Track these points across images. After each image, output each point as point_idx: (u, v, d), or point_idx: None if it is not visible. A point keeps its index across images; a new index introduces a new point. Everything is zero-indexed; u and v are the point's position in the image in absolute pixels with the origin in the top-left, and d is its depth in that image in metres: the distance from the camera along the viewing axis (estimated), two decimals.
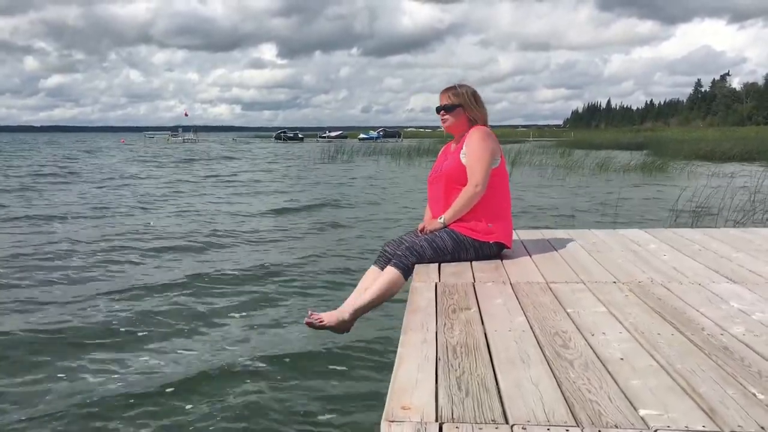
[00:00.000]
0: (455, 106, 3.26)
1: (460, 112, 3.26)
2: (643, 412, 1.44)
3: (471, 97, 3.27)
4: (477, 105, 3.28)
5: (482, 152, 3.12)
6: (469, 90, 3.28)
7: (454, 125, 3.29)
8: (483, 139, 3.15)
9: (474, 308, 2.32)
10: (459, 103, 3.25)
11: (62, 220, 11.51)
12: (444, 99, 3.29)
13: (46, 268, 7.34)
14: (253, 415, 3.64)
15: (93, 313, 5.60)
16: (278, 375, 4.22)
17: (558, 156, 28.50)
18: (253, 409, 3.72)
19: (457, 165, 3.18)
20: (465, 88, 3.29)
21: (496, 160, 3.18)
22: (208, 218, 11.59)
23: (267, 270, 7.23)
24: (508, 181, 3.33)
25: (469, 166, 3.13)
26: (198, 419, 3.60)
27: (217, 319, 5.48)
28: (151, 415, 3.63)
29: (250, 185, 19.43)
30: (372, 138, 73.52)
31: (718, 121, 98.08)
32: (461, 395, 1.54)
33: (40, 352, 4.64)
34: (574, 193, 15.75)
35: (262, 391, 3.97)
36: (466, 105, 3.25)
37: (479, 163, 3.11)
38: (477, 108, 3.27)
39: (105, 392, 3.94)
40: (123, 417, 3.62)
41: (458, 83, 3.32)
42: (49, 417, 3.60)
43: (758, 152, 28.08)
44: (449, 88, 3.30)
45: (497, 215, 3.17)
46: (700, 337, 1.99)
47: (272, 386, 4.05)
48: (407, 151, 33.40)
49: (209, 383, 4.08)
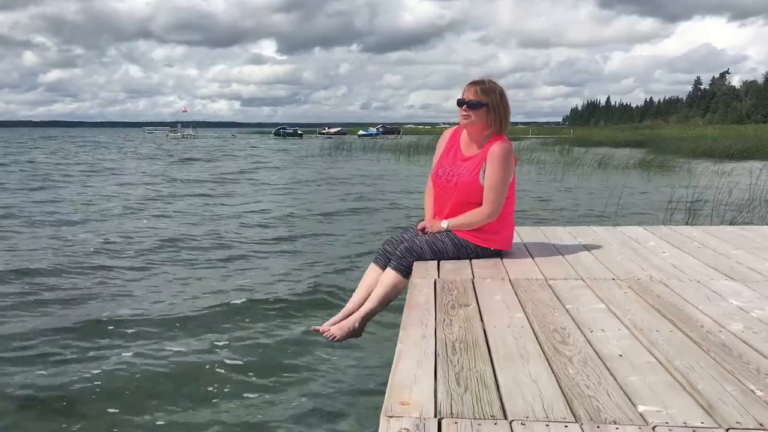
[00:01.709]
0: (482, 104, 2.97)
1: (485, 113, 2.99)
2: (641, 408, 1.44)
3: (500, 98, 3.01)
4: (504, 109, 3.03)
5: (504, 178, 2.97)
6: (498, 89, 3.02)
7: (475, 126, 3.02)
8: (506, 161, 2.96)
9: (473, 304, 2.32)
10: (486, 102, 2.97)
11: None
12: (470, 93, 3.00)
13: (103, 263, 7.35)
14: (252, 412, 3.64)
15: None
16: (276, 371, 4.22)
17: (557, 153, 28.48)
18: (250, 406, 3.72)
19: (474, 184, 3.00)
20: (495, 86, 3.03)
21: (512, 175, 3.05)
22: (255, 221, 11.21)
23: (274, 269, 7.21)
24: (515, 186, 3.17)
25: (487, 191, 2.97)
26: (197, 418, 3.60)
27: (217, 317, 5.48)
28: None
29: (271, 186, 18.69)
30: (371, 134, 73.43)
31: (718, 118, 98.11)
32: (460, 391, 1.54)
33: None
34: (573, 190, 15.76)
35: (260, 388, 3.98)
36: (494, 107, 2.99)
37: (498, 191, 2.96)
38: (504, 112, 3.02)
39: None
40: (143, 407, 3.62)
41: (488, 78, 3.05)
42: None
43: (757, 150, 28.10)
44: (478, 82, 3.02)
45: (502, 224, 3.10)
46: (698, 334, 1.99)
47: (271, 384, 4.06)
48: (407, 148, 33.36)
49: (203, 379, 4.08)
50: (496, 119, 3.01)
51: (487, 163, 2.98)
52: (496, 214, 3.00)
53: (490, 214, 2.99)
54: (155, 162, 29.80)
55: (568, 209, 11.73)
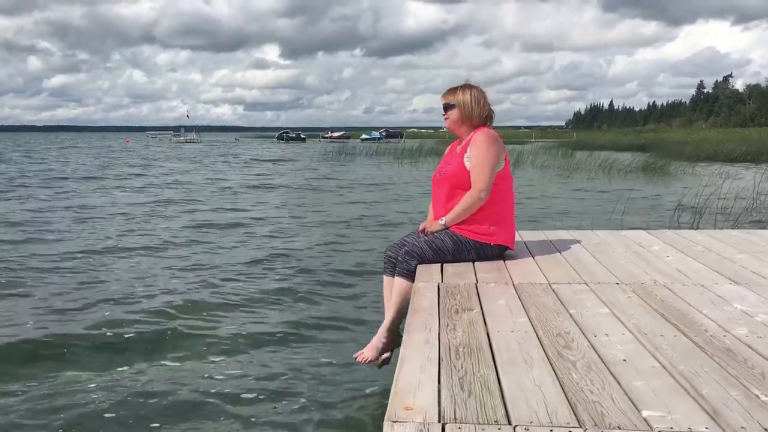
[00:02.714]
0: (450, 105, 3.28)
1: (457, 111, 3.26)
2: (645, 414, 1.44)
3: (465, 94, 3.26)
4: (473, 100, 3.26)
5: (486, 157, 3.10)
6: (464, 87, 3.29)
7: (453, 124, 3.30)
8: (487, 142, 3.14)
9: (476, 309, 2.32)
10: (453, 102, 3.26)
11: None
12: (443, 100, 3.34)
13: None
14: (252, 416, 3.64)
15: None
16: (280, 376, 4.22)
17: (560, 157, 28.46)
18: (253, 410, 3.72)
19: (460, 169, 3.16)
20: (464, 87, 3.30)
21: (500, 163, 3.16)
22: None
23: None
24: (512, 184, 3.32)
25: (473, 172, 3.11)
26: (191, 422, 3.60)
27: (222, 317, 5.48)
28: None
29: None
30: (374, 138, 73.52)
31: (721, 122, 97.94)
32: (464, 396, 1.54)
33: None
34: (576, 193, 15.74)
35: (262, 393, 3.98)
36: (461, 103, 3.25)
37: (483, 169, 3.09)
38: (473, 103, 3.25)
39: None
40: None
41: (463, 83, 3.33)
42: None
43: (761, 153, 28.02)
44: (451, 88, 3.34)
45: (500, 218, 3.17)
46: (703, 339, 1.98)
47: (272, 387, 4.06)
48: (410, 152, 33.37)
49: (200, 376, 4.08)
50: (468, 112, 3.24)
51: (470, 147, 3.17)
52: (486, 193, 3.09)
53: (479, 193, 3.09)
54: (228, 165, 29.09)
55: (569, 213, 11.71)
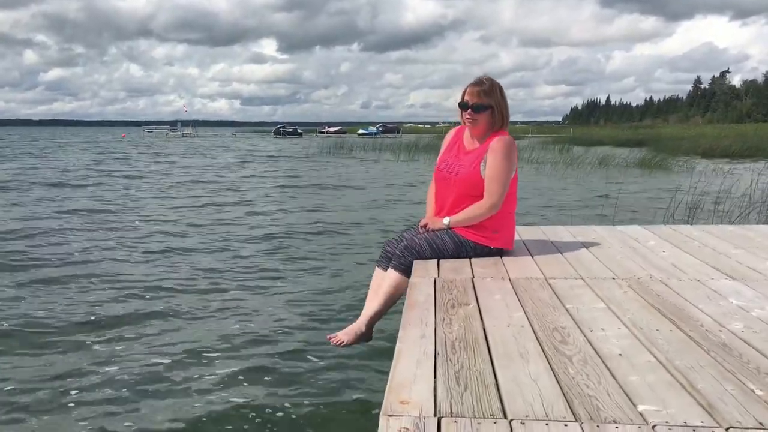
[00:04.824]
0: (486, 107, 3.02)
1: (490, 114, 3.03)
2: (641, 408, 1.44)
3: (501, 97, 3.06)
4: (505, 106, 3.08)
5: (505, 169, 2.98)
6: (497, 86, 3.07)
7: (481, 127, 3.06)
8: (509, 154, 2.99)
9: (473, 304, 2.32)
10: (490, 104, 3.02)
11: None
12: (474, 96, 3.03)
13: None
14: (250, 411, 3.64)
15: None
16: (276, 371, 4.22)
17: (557, 152, 28.47)
18: (250, 405, 3.71)
19: (475, 175, 3.01)
20: (495, 84, 3.06)
21: (514, 171, 3.06)
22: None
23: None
24: (517, 186, 3.18)
25: (489, 182, 2.98)
26: (186, 415, 3.60)
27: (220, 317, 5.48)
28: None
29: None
30: (371, 133, 73.38)
31: (718, 118, 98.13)
32: (460, 390, 1.54)
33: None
34: (573, 189, 15.75)
35: (259, 386, 3.98)
36: (497, 106, 3.04)
37: (500, 181, 2.97)
38: (505, 109, 3.08)
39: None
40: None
41: (485, 76, 3.09)
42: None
43: (757, 149, 28.10)
44: (479, 83, 3.05)
45: (503, 222, 3.10)
46: (698, 334, 1.99)
47: (270, 382, 4.06)
48: (407, 147, 33.32)
49: (198, 377, 4.08)
50: (499, 117, 3.07)
51: (489, 155, 3.01)
52: (497, 207, 3.00)
53: (491, 206, 2.99)
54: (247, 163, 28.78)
55: (565, 208, 11.71)
